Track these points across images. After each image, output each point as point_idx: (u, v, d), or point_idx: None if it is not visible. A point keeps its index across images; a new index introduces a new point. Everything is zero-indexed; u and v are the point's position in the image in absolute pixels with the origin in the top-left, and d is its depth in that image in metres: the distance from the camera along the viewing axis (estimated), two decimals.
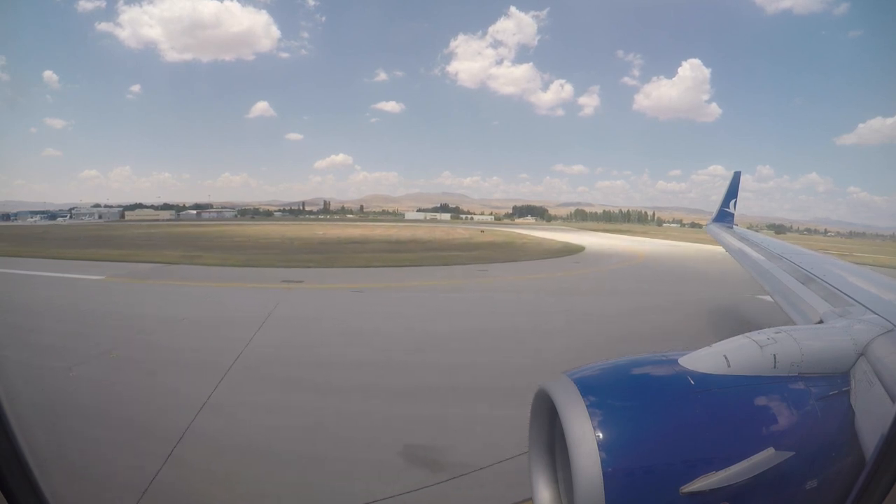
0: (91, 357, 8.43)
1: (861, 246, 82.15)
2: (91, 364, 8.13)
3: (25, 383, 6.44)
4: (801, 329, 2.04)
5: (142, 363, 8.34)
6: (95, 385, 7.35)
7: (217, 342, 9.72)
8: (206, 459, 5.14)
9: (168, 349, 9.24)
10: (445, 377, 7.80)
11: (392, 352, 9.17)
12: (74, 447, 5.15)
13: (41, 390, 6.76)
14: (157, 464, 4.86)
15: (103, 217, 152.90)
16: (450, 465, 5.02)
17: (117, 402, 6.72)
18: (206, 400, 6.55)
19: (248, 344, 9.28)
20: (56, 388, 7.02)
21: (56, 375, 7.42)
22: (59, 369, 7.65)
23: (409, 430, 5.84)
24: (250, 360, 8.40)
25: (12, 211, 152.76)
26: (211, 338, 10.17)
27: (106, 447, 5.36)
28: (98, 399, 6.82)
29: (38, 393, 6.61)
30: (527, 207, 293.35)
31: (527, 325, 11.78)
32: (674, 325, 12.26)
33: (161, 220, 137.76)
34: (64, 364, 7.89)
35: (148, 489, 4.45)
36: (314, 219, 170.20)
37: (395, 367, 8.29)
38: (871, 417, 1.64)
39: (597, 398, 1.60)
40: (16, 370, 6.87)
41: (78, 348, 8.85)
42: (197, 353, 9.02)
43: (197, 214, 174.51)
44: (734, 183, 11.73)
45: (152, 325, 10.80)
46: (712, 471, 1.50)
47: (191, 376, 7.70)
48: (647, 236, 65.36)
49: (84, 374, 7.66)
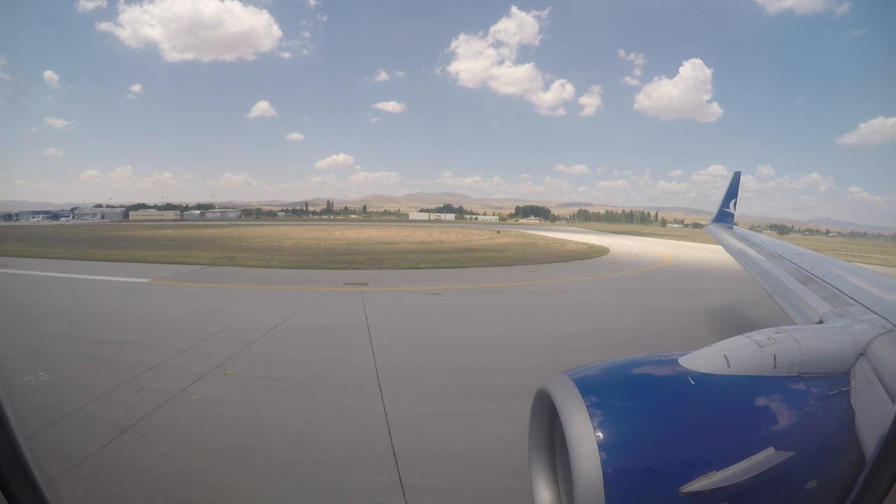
0: (203, 374, 7.47)
1: (864, 246, 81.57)
2: (210, 383, 7.19)
3: (150, 417, 5.91)
4: (801, 329, 2.04)
5: (273, 379, 7.56)
6: (241, 410, 6.37)
7: (340, 351, 9.08)
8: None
9: (287, 362, 8.37)
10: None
11: (562, 355, 8.88)
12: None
13: (174, 422, 5.88)
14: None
15: (106, 217, 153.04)
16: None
17: (294, 432, 5.72)
18: (389, 418, 6.00)
19: (375, 351, 8.82)
20: (193, 417, 6.08)
21: (179, 401, 6.48)
22: (173, 392, 6.70)
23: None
24: (397, 369, 7.93)
25: (14, 211, 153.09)
26: (328, 346, 9.48)
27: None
28: (268, 430, 5.79)
29: (171, 426, 5.78)
30: (530, 208, 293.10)
31: (648, 324, 12.04)
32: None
33: (166, 220, 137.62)
34: (178, 385, 6.95)
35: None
36: (318, 219, 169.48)
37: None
38: (871, 417, 1.63)
39: (597, 398, 1.60)
40: (128, 397, 6.50)
41: (181, 364, 7.96)
42: (326, 363, 8.36)
43: (201, 214, 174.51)
44: (734, 183, 11.70)
45: (247, 334, 9.79)
46: (712, 471, 1.50)
47: (347, 392, 7.07)
48: (654, 237, 64.82)
49: (209, 396, 6.70)
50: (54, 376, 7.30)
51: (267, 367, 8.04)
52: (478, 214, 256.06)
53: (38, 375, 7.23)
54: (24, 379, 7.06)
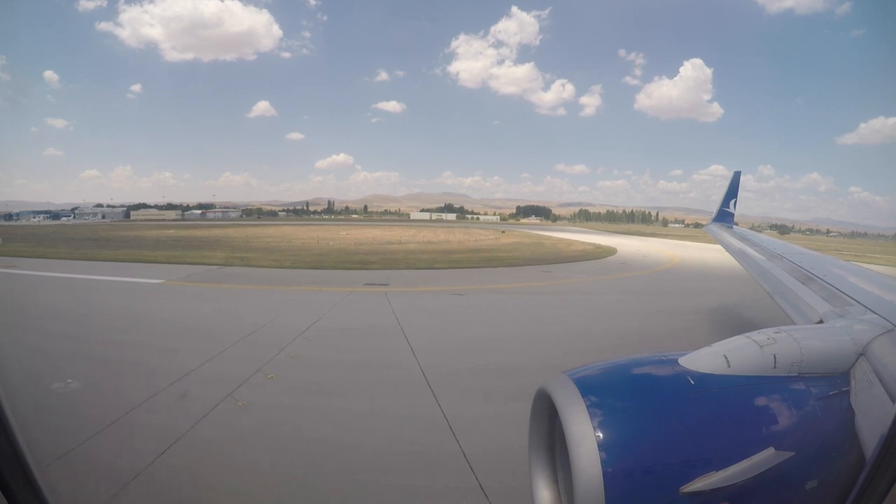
0: (245, 379, 7.19)
1: (867, 246, 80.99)
2: (255, 388, 6.90)
3: (200, 425, 5.64)
4: (801, 329, 2.04)
5: (320, 383, 7.35)
6: (294, 415, 6.12)
7: (380, 353, 8.88)
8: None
9: (329, 365, 8.20)
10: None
11: (610, 351, 8.83)
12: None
13: (227, 430, 5.62)
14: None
15: (107, 217, 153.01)
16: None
17: (358, 438, 5.52)
18: (450, 420, 5.80)
19: (415, 352, 8.66)
20: (246, 425, 5.84)
21: (226, 408, 6.22)
22: (218, 398, 6.41)
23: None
24: (443, 370, 7.77)
25: (14, 211, 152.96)
26: (366, 348, 9.24)
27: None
28: (329, 437, 5.57)
29: (224, 435, 5.51)
30: (531, 208, 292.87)
31: (688, 324, 12.08)
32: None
33: (167, 220, 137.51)
34: (221, 390, 6.67)
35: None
36: (320, 219, 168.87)
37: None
38: (871, 417, 1.63)
39: (597, 398, 1.60)
40: (171, 403, 6.26)
41: (218, 369, 7.71)
42: (370, 366, 8.18)
43: (202, 214, 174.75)
44: (734, 183, 11.71)
45: (279, 337, 9.50)
46: (712, 471, 1.50)
47: (399, 394, 6.87)
48: (657, 237, 64.56)
49: (257, 402, 6.43)
50: (86, 383, 7.04)
51: (310, 371, 7.87)
52: (479, 214, 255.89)
53: (66, 382, 6.92)
54: (52, 386, 6.74)
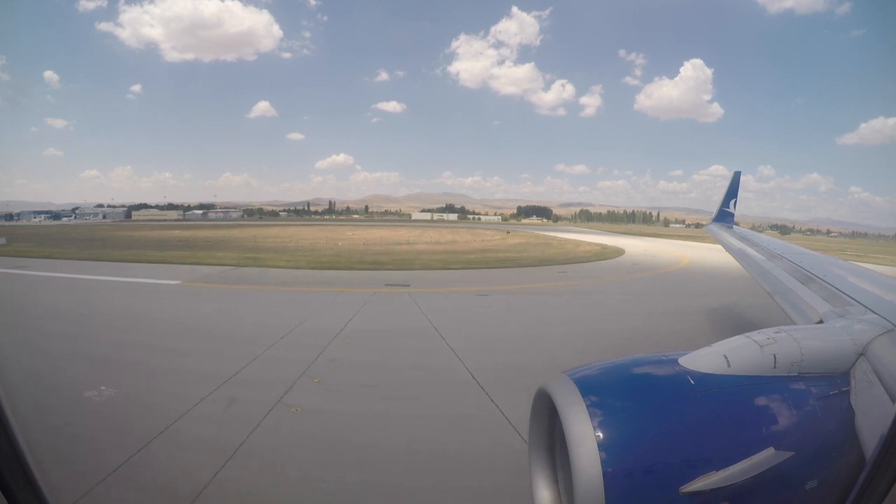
0: (292, 383, 6.95)
1: (869, 246, 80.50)
2: (304, 393, 6.67)
3: (256, 434, 5.35)
4: (801, 329, 2.04)
5: (370, 386, 7.13)
6: (354, 421, 5.90)
7: (421, 355, 8.68)
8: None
9: (374, 367, 8.03)
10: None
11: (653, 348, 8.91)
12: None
13: (288, 439, 5.36)
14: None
15: (108, 217, 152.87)
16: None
17: (421, 440, 5.35)
18: (511, 421, 5.64)
19: (457, 353, 8.54)
20: (308, 431, 5.59)
21: (279, 414, 5.97)
22: (268, 404, 6.18)
23: None
24: (490, 371, 7.64)
25: (15, 211, 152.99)
26: (406, 349, 9.04)
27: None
28: (393, 441, 5.36)
29: (286, 444, 5.23)
30: (532, 208, 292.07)
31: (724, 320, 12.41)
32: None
33: (169, 220, 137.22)
34: (270, 396, 6.42)
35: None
36: (321, 219, 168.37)
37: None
38: (871, 417, 1.63)
39: (597, 398, 1.60)
40: (220, 411, 5.98)
41: (261, 373, 7.44)
42: (416, 368, 8.02)
43: (203, 214, 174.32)
44: (734, 183, 11.72)
45: (313, 339, 9.25)
46: (712, 470, 1.50)
47: (452, 396, 6.69)
48: (660, 238, 64.08)
49: (310, 407, 6.17)
50: (122, 390, 6.69)
51: (356, 374, 7.69)
52: (480, 215, 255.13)
53: (100, 390, 6.53)
54: (84, 394, 6.43)
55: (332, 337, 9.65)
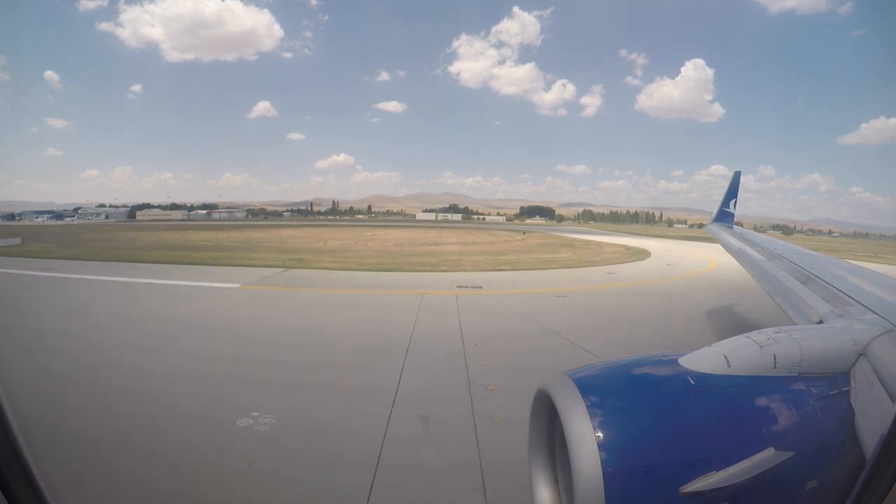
0: (465, 393, 6.72)
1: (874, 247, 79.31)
2: (490, 402, 6.45)
3: (488, 455, 4.96)
4: (801, 329, 2.03)
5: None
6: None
7: (566, 359, 8.26)
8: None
9: (534, 370, 7.05)
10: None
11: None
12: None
13: (507, 450, 4.58)
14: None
15: (111, 217, 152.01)
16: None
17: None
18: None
19: (595, 355, 8.15)
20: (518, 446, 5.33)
21: (487, 428, 5.66)
22: (463, 417, 5.90)
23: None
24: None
25: (16, 211, 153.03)
26: (546, 353, 8.69)
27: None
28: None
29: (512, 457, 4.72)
30: (535, 208, 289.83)
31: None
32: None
33: (173, 220, 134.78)
34: (458, 409, 6.15)
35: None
36: (325, 220, 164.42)
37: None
38: (871, 417, 1.63)
39: (597, 398, 1.60)
40: (419, 436, 5.54)
41: (422, 385, 7.06)
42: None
43: (207, 214, 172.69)
44: (734, 183, 11.70)
45: (440, 346, 8.88)
46: (712, 471, 1.50)
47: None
48: (667, 238, 60.62)
49: (510, 417, 5.80)
50: (282, 416, 5.97)
51: (523, 379, 7.07)
52: (484, 215, 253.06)
53: (253, 417, 5.82)
54: (249, 426, 5.67)
55: (458, 341, 9.19)
